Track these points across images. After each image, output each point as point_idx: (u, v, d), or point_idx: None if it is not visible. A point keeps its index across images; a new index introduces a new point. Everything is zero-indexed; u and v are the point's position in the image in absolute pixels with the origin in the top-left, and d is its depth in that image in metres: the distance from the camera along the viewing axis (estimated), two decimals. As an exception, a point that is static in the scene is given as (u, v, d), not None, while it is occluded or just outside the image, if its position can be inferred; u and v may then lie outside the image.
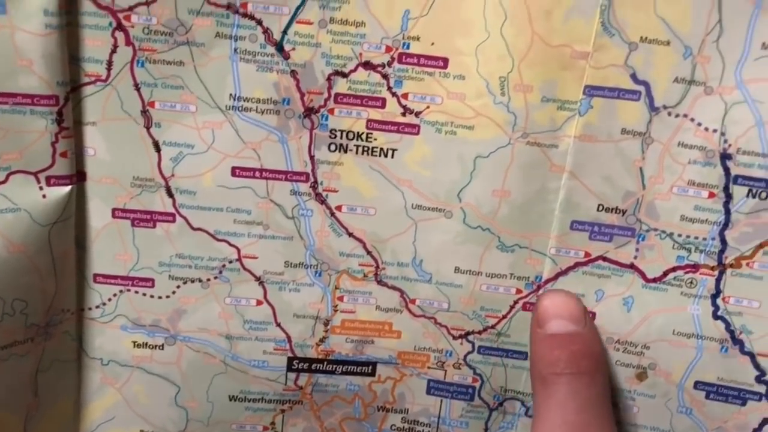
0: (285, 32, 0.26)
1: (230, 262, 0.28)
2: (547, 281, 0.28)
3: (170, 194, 0.27)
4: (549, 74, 0.26)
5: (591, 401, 0.26)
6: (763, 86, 0.25)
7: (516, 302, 0.28)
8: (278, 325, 0.29)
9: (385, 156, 0.27)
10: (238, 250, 0.28)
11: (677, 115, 0.26)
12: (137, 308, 0.29)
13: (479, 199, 0.27)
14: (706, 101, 0.26)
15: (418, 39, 0.26)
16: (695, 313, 0.28)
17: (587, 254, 0.28)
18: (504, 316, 0.29)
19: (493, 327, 0.29)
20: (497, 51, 0.25)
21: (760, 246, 0.27)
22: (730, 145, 0.26)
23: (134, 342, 0.30)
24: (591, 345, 0.27)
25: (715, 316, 0.28)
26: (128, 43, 0.25)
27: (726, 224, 0.27)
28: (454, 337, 0.29)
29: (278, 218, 0.28)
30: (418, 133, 0.27)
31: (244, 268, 0.29)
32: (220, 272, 0.29)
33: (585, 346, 0.26)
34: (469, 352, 0.30)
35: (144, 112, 0.26)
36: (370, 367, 0.30)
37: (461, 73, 0.26)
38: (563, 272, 0.28)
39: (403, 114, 0.27)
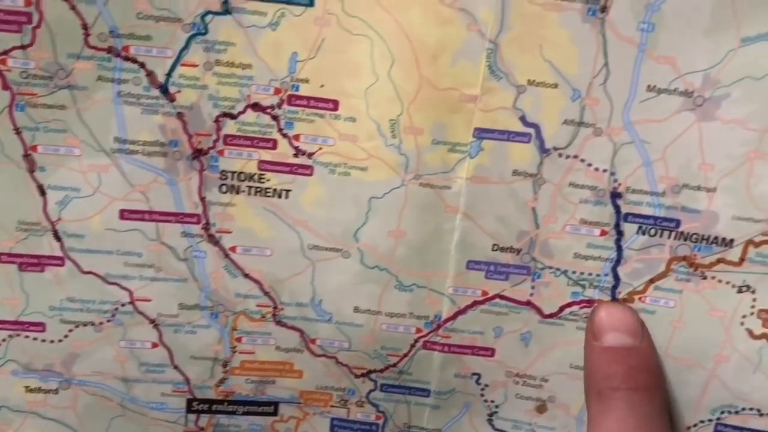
0: (169, 75, 0.25)
1: (123, 305, 0.28)
2: (447, 320, 0.28)
3: (58, 238, 0.27)
4: (438, 117, 0.26)
5: (650, 417, 0.25)
6: (650, 127, 0.26)
7: (416, 341, 0.29)
8: (175, 367, 0.29)
9: (279, 197, 0.27)
10: (131, 293, 0.28)
11: (567, 156, 0.26)
12: (28, 353, 0.28)
13: (375, 239, 0.27)
14: (596, 142, 0.26)
15: (307, 81, 0.26)
16: (591, 347, 0.28)
17: (484, 293, 0.28)
18: (405, 355, 0.29)
19: (394, 365, 0.29)
20: (386, 94, 0.25)
21: (651, 281, 0.27)
22: (619, 185, 0.26)
23: (27, 387, 0.29)
24: (649, 360, 0.26)
25: (611, 351, 0.28)
26: (5, 87, 0.25)
27: (618, 260, 0.27)
28: (356, 376, 0.29)
29: (171, 260, 0.28)
30: (311, 174, 0.27)
31: (138, 311, 0.28)
32: (113, 315, 0.28)
33: (643, 360, 0.26)
34: (371, 390, 0.30)
35: (26, 156, 0.26)
36: (272, 407, 0.30)
37: (352, 115, 0.26)
38: (462, 311, 0.28)
39: (296, 155, 0.27)
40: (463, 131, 0.26)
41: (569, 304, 0.28)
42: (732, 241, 0.26)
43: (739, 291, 0.27)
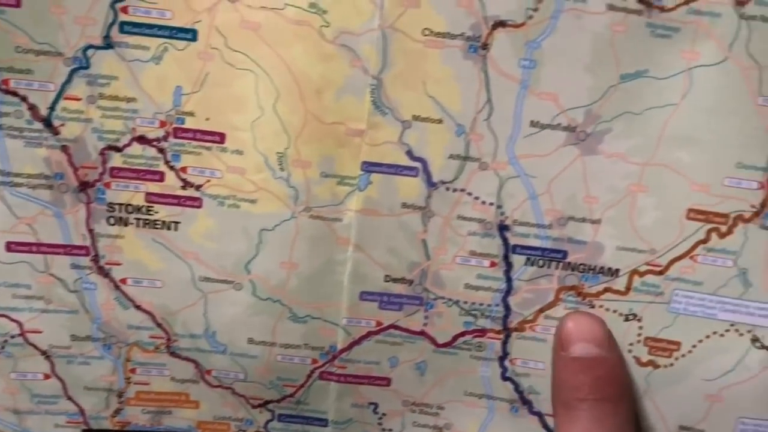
0: (52, 108, 0.25)
1: (12, 336, 0.28)
2: (342, 351, 0.29)
3: (-57, 271, 0.27)
4: (326, 150, 0.26)
5: (616, 428, 0.25)
6: (535, 161, 0.26)
7: (312, 371, 0.29)
8: (69, 398, 0.29)
9: (168, 229, 0.27)
10: (21, 325, 0.28)
11: (455, 190, 0.26)
12: None
13: (267, 271, 0.27)
14: (482, 176, 0.26)
15: (192, 114, 0.26)
16: (485, 374, 0.29)
17: (378, 323, 0.28)
18: (302, 385, 0.29)
19: (291, 396, 0.29)
20: (272, 127, 0.26)
21: (541, 310, 0.28)
22: (506, 217, 0.27)
23: None
24: (616, 371, 0.26)
25: (504, 378, 0.29)
26: None
27: (508, 291, 0.28)
28: (254, 406, 0.30)
29: (60, 292, 0.27)
30: (200, 206, 0.27)
31: (29, 343, 0.28)
32: (2, 347, 0.28)
33: (610, 371, 0.26)
34: (269, 420, 0.30)
35: None
36: (170, 437, 0.30)
37: (239, 148, 0.26)
38: (357, 341, 0.28)
39: (183, 187, 0.26)
40: (351, 164, 0.26)
41: (462, 334, 0.28)
42: (617, 270, 0.27)
43: (626, 319, 0.28)
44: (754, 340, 0.27)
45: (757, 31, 0.25)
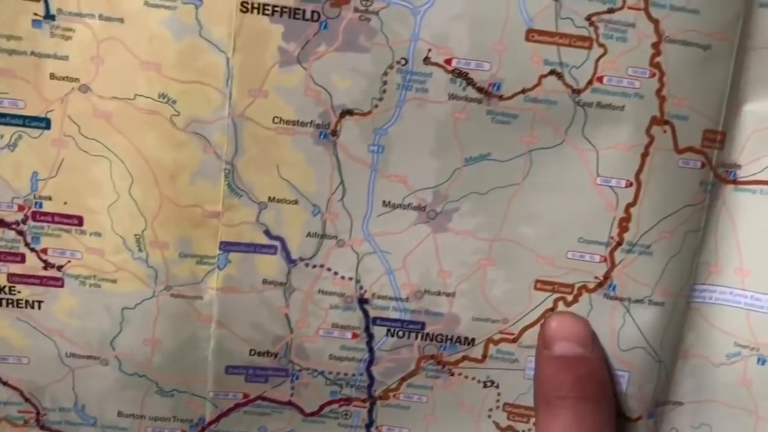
0: None
1: None
2: (210, 423, 0.29)
3: None
4: (183, 232, 0.27)
5: (596, 427, 0.26)
6: (389, 238, 0.27)
7: (183, 443, 0.29)
8: (-64, 476, 0.29)
9: (32, 308, 0.27)
10: None
11: (314, 266, 0.27)
12: None
13: (131, 347, 0.28)
14: (340, 253, 0.27)
15: (50, 198, 0.26)
16: (353, 442, 0.30)
17: (246, 395, 0.29)
18: (172, 457, 0.30)
19: (162, 466, 0.30)
20: (129, 210, 0.26)
21: (404, 379, 0.29)
22: (365, 291, 0.28)
23: None
24: (598, 370, 0.26)
25: (372, 444, 0.30)
26: None
27: (371, 361, 0.29)
28: (125, 477, 0.30)
29: (-74, 369, 0.27)
30: (62, 286, 0.27)
31: None
32: None
33: (592, 370, 0.26)
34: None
35: None
36: None
37: (97, 230, 0.27)
38: (225, 413, 0.29)
39: (45, 268, 0.27)
40: (209, 244, 0.27)
41: (329, 403, 0.29)
42: (474, 339, 0.28)
43: (485, 386, 0.29)
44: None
45: (592, 116, 0.26)
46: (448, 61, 0.26)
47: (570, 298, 0.28)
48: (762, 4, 0.26)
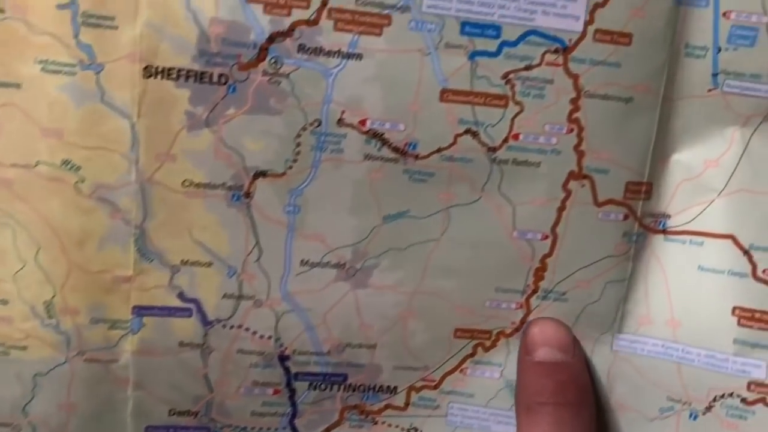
0: None
1: None
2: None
3: None
4: (94, 297, 0.26)
5: None
6: (309, 296, 0.27)
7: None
8: None
9: (-61, 378, 0.26)
10: None
11: (232, 327, 0.27)
12: None
13: (46, 413, 0.27)
14: (258, 313, 0.27)
15: (-52, 267, 0.25)
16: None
17: (168, 452, 0.28)
18: None
19: None
20: (36, 278, 0.25)
21: (327, 430, 0.29)
22: (285, 348, 0.28)
23: None
24: (579, 376, 0.26)
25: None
26: None
27: (294, 415, 0.29)
28: None
29: None
30: (-30, 355, 0.26)
31: None
32: None
33: (572, 376, 0.26)
34: None
35: None
36: None
37: (4, 298, 0.26)
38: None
39: (-50, 337, 0.26)
40: (121, 309, 0.26)
41: (253, 456, 0.29)
42: (396, 387, 0.29)
43: (408, 433, 0.29)
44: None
45: (508, 173, 0.26)
46: (363, 122, 0.25)
47: (488, 343, 0.28)
48: (687, 54, 0.26)
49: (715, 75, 0.26)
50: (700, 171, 0.27)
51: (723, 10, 0.25)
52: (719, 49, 0.26)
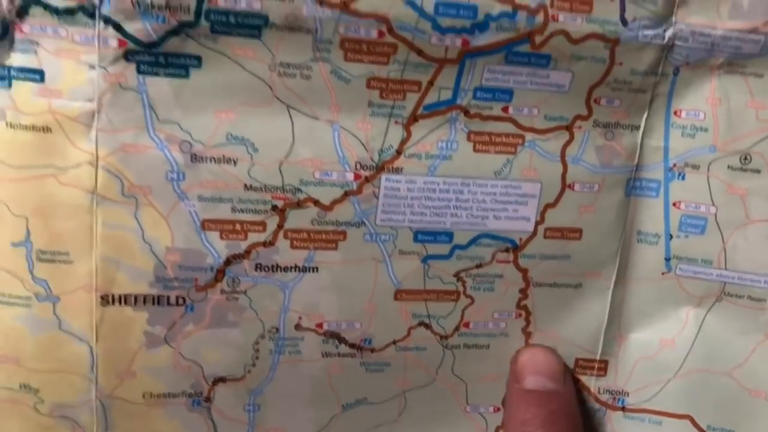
0: None
1: None
2: None
3: None
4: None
5: None
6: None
7: None
8: None
9: None
10: None
11: None
12: None
13: None
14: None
15: None
16: None
17: None
18: None
19: None
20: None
21: None
22: None
23: None
24: (569, 406, 0.26)
25: None
26: None
27: None
28: None
29: None
30: None
31: None
32: None
33: (563, 406, 0.26)
34: None
35: None
36: None
37: None
38: None
39: None
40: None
41: None
42: None
43: None
44: None
45: (459, 356, 0.28)
46: (320, 325, 0.26)
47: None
48: (640, 240, 0.28)
49: (667, 260, 0.28)
50: (657, 350, 0.28)
51: (673, 200, 0.27)
52: (671, 236, 0.27)
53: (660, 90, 0.26)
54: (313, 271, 0.26)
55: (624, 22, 0.24)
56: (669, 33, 0.25)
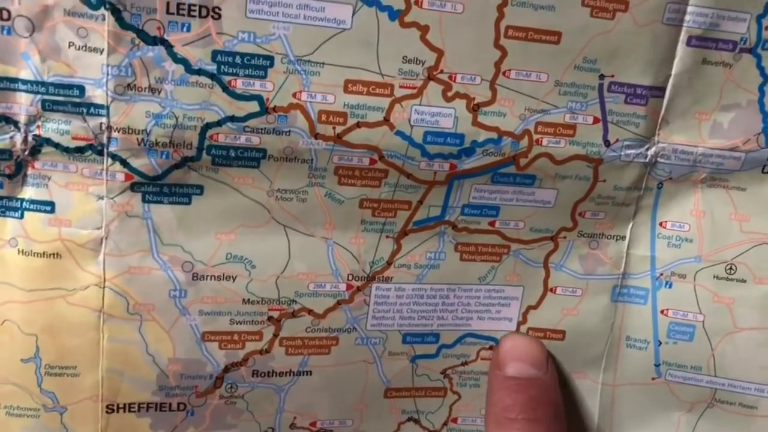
0: None
1: None
2: None
3: None
4: None
5: None
6: None
7: None
8: None
9: None
10: None
11: None
12: None
13: None
14: None
15: None
16: None
17: None
18: None
19: None
20: None
21: None
22: None
23: None
24: (549, 392, 0.26)
25: None
26: None
27: None
28: None
29: None
30: None
31: None
32: None
33: (544, 392, 0.26)
34: None
35: None
36: None
37: None
38: None
39: None
40: None
41: None
42: None
43: None
44: None
45: (447, 447, 0.30)
46: (313, 424, 0.28)
47: None
48: (629, 345, 0.29)
49: (657, 365, 0.29)
50: None
51: (661, 308, 0.28)
52: (660, 342, 0.28)
53: (644, 203, 0.27)
54: (307, 374, 0.27)
55: (607, 143, 0.26)
56: (651, 152, 0.26)
